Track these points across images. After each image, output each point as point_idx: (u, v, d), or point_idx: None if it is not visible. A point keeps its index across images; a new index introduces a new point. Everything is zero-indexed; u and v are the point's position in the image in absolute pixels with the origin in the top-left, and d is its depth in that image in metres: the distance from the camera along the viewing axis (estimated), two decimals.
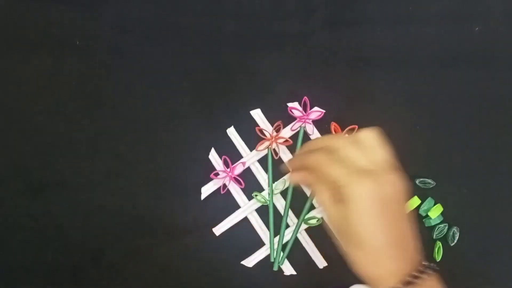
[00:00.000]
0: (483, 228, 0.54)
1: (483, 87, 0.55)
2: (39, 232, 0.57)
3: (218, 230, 0.55)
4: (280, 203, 0.55)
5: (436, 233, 0.53)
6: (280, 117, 0.56)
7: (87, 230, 0.57)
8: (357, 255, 0.39)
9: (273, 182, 0.55)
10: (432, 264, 0.39)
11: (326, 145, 0.42)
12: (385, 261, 0.38)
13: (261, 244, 0.55)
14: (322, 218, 0.54)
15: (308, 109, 0.55)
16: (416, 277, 0.38)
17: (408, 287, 0.37)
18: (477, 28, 0.56)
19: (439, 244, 0.53)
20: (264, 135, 0.55)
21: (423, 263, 0.39)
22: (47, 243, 0.57)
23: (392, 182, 0.39)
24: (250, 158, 0.56)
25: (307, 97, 0.55)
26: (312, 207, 0.55)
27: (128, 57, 0.59)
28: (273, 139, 0.55)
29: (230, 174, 0.55)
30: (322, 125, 0.56)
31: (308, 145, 0.45)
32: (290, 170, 0.48)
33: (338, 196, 0.39)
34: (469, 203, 0.54)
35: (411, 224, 0.40)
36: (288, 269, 0.54)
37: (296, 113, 0.55)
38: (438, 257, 0.53)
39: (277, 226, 0.55)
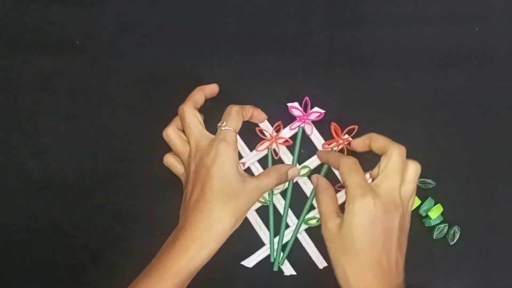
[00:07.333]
0: (483, 228, 0.54)
1: (483, 87, 0.55)
2: (39, 232, 0.57)
3: None
4: (280, 203, 0.55)
5: (436, 233, 0.53)
6: (280, 117, 0.55)
7: (87, 230, 0.57)
8: (344, 264, 0.43)
9: None
10: None
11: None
12: (368, 276, 0.41)
13: (261, 244, 0.55)
14: None
15: (309, 109, 0.55)
16: None
17: None
18: (477, 28, 0.56)
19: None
20: (264, 135, 0.55)
21: None
22: (47, 243, 0.57)
23: (402, 216, 0.43)
24: (250, 158, 0.56)
25: (307, 97, 0.55)
26: (312, 207, 0.55)
27: (128, 57, 0.59)
28: (273, 139, 0.55)
29: None
30: (322, 125, 0.56)
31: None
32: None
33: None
34: (469, 203, 0.54)
35: (402, 259, 0.44)
36: (288, 269, 0.54)
37: (296, 113, 0.55)
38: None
39: (277, 226, 0.55)
